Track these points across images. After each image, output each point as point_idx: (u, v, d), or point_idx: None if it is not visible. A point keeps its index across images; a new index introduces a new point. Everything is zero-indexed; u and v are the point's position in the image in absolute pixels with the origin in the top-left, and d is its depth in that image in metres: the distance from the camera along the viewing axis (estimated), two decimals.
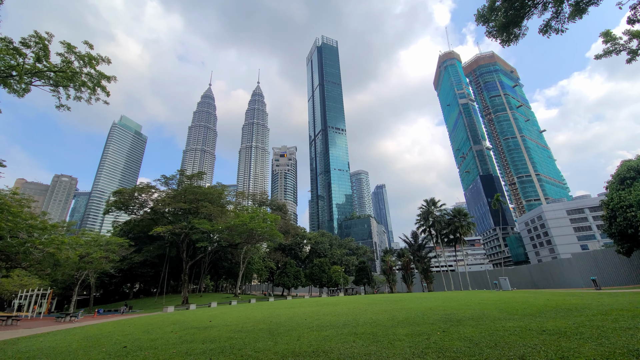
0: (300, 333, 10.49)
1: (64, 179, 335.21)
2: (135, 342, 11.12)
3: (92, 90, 16.45)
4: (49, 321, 28.47)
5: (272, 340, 9.69)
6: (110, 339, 12.38)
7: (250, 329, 12.32)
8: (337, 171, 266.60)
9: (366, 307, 18.59)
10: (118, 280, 52.51)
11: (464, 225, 53.43)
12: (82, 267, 28.61)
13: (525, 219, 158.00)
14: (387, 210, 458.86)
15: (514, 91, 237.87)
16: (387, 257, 60.96)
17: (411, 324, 10.84)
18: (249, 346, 9.00)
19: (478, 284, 57.94)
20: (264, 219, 43.41)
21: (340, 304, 22.73)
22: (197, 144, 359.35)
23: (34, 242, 18.66)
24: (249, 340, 9.82)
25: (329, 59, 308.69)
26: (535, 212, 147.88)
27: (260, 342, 9.50)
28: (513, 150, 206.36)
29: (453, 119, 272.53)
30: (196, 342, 10.24)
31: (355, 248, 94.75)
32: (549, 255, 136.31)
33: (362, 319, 12.91)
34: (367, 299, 27.10)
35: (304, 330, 11.13)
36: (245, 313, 19.69)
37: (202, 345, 9.70)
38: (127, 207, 48.79)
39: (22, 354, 10.14)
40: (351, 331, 10.23)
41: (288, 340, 9.41)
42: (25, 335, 16.88)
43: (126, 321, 20.90)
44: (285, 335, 10.23)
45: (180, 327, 14.34)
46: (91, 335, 14.28)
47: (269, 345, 8.90)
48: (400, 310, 15.10)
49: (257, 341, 9.62)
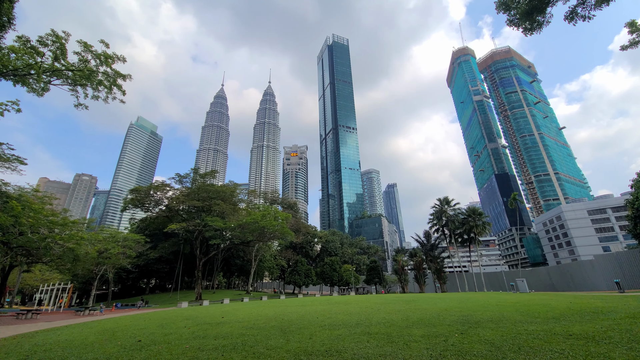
0: (313, 331, 10.34)
1: (84, 178, 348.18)
2: (149, 337, 11.26)
3: (109, 89, 16.76)
4: (69, 315, 29.47)
5: (284, 338, 9.58)
6: (126, 333, 12.59)
7: (262, 326, 12.26)
8: (348, 170, 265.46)
9: (378, 306, 18.28)
10: (135, 275, 54.08)
11: (479, 225, 51.97)
12: (101, 262, 29.52)
13: (544, 219, 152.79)
14: (399, 210, 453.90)
15: (532, 87, 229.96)
16: (399, 256, 60.13)
17: (427, 325, 10.50)
18: (260, 343, 8.91)
19: (493, 285, 56.34)
20: (275, 217, 43.61)
21: (351, 302, 22.49)
22: (210, 143, 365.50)
23: (55, 237, 19.29)
24: (260, 338, 9.74)
25: (339, 57, 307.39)
26: (554, 212, 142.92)
27: (272, 339, 9.40)
28: (530, 148, 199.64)
29: (467, 117, 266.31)
30: (208, 338, 10.25)
31: (367, 247, 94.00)
32: (568, 257, 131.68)
33: (375, 318, 12.64)
34: (379, 299, 26.74)
35: (316, 328, 10.97)
36: (257, 310, 19.73)
37: (214, 341, 9.69)
38: (143, 205, 50.12)
39: (39, 347, 10.41)
40: (364, 331, 10.00)
41: (300, 339, 9.28)
42: (43, 328, 17.47)
43: (142, 315, 21.35)
44: (297, 333, 10.10)
45: (193, 323, 14.46)
46: (107, 328, 14.60)
47: (281, 343, 8.78)
48: (414, 311, 14.73)
49: (269, 339, 9.52)
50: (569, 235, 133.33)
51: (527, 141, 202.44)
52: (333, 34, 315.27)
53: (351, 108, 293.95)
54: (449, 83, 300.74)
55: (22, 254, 22.89)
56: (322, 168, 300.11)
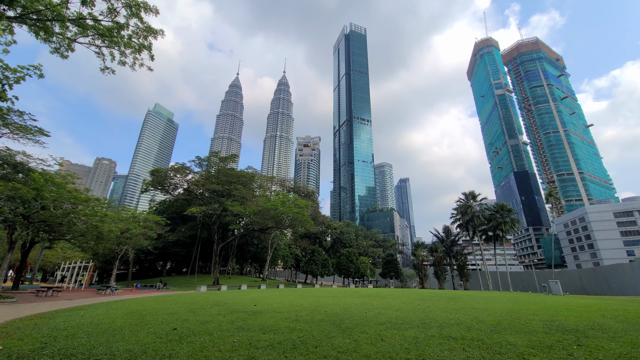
0: (377, 331, 8.71)
1: (104, 162, 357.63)
2: (184, 324, 9.91)
3: (137, 51, 15.20)
4: (90, 293, 29.13)
5: (347, 336, 7.97)
6: (156, 318, 11.33)
7: (307, 319, 10.74)
8: (360, 163, 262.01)
9: (423, 302, 16.56)
10: (153, 257, 54.24)
11: (508, 221, 49.09)
12: (122, 242, 29.05)
13: (565, 219, 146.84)
14: (410, 205, 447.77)
15: (559, 81, 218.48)
16: (418, 251, 58.07)
17: (517, 330, 8.68)
18: (324, 343, 7.33)
19: (517, 285, 53.73)
20: (295, 204, 42.25)
21: (387, 296, 20.85)
22: (224, 132, 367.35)
23: (78, 213, 18.34)
24: (318, 335, 8.17)
25: (356, 47, 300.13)
26: (578, 212, 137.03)
27: (334, 338, 7.80)
28: (554, 146, 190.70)
29: (487, 111, 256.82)
30: (254, 331, 8.77)
31: (382, 240, 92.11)
32: (590, 260, 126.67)
33: (438, 317, 10.91)
34: (412, 293, 25.01)
35: (376, 326, 9.35)
36: (287, 299, 18.34)
37: (264, 335, 8.19)
38: (162, 187, 49.74)
39: (59, 331, 9.17)
40: (442, 334, 8.28)
41: (369, 339, 7.65)
42: (64, 307, 16.57)
43: (165, 298, 20.36)
44: (360, 332, 8.49)
45: (226, 310, 13.12)
46: (134, 311, 13.45)
47: (349, 345, 7.17)
48: (475, 311, 12.91)
49: (331, 337, 7.93)
50: (592, 238, 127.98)
51: (551, 138, 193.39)
52: (350, 23, 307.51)
53: (366, 99, 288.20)
54: (470, 76, 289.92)
55: (43, 230, 22.17)
56: (334, 160, 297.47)
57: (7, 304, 17.93)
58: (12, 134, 21.31)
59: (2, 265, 20.57)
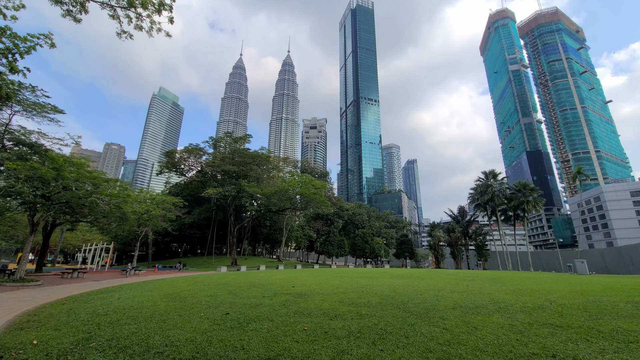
0: (456, 316, 7.69)
1: (113, 147, 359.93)
2: (233, 308, 9.06)
3: (157, 11, 13.54)
4: (114, 274, 29.12)
5: (432, 324, 6.95)
6: (198, 300, 10.54)
7: (364, 302, 9.80)
8: (368, 144, 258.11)
9: (466, 283, 15.59)
10: (169, 239, 54.73)
11: (530, 200, 47.45)
12: (142, 223, 28.71)
13: (579, 199, 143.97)
14: (418, 186, 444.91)
15: (579, 54, 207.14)
16: (435, 231, 57.30)
17: (616, 314, 7.58)
18: (410, 332, 6.32)
19: (536, 265, 52.82)
20: (312, 184, 41.23)
21: (420, 276, 19.98)
22: (230, 115, 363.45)
23: (101, 193, 17.51)
24: (396, 322, 7.18)
25: (363, 23, 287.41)
26: (593, 192, 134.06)
27: (418, 326, 6.79)
28: (571, 124, 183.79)
29: (500, 88, 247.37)
30: (317, 316, 7.83)
31: (394, 221, 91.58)
32: (603, 239, 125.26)
33: (506, 300, 9.87)
34: (443, 274, 24.15)
35: (448, 310, 8.34)
36: (319, 279, 17.55)
37: (333, 322, 7.22)
38: (176, 169, 49.15)
39: (100, 317, 8.37)
40: (536, 320, 7.21)
41: (459, 328, 6.61)
42: (94, 289, 16.08)
43: (193, 279, 19.84)
44: (438, 318, 7.47)
45: (267, 291, 12.32)
46: (170, 293, 12.76)
47: (442, 334, 6.15)
48: (535, 293, 11.84)
49: (413, 325, 6.91)
50: (607, 217, 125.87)
51: (568, 115, 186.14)
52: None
53: (374, 79, 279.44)
54: (482, 51, 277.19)
55: (65, 212, 21.54)
56: (341, 142, 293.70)
57: (33, 287, 17.55)
58: (25, 111, 20.27)
59: (25, 247, 20.16)
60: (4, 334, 6.80)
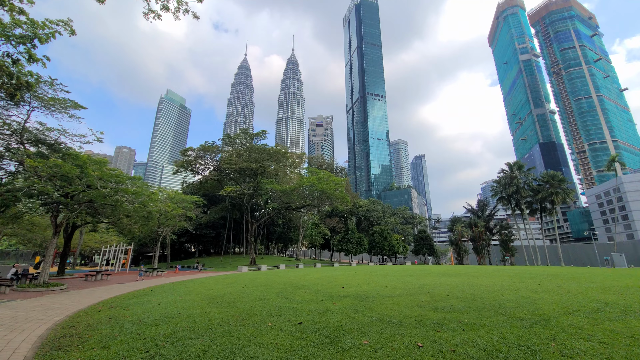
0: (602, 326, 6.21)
1: (124, 150, 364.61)
2: (299, 316, 7.72)
3: None
4: (136, 275, 28.26)
5: (582, 337, 5.51)
6: (249, 306, 9.25)
7: (447, 306, 8.38)
8: (375, 140, 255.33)
9: (520, 280, 14.00)
10: (185, 239, 54.18)
11: (560, 192, 45.17)
12: (163, 223, 27.89)
13: (598, 191, 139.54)
14: (426, 182, 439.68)
15: (592, 42, 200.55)
16: (457, 226, 55.29)
17: None
18: (578, 352, 4.89)
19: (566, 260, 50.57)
20: (332, 180, 39.91)
21: (472, 274, 18.40)
22: (236, 115, 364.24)
23: (126, 191, 16.46)
24: (528, 335, 5.76)
25: (368, 17, 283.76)
26: (612, 183, 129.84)
27: (567, 339, 5.35)
28: (586, 113, 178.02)
29: (510, 79, 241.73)
30: (413, 327, 6.44)
31: (409, 217, 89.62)
32: (624, 232, 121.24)
33: (611, 300, 8.33)
34: (488, 271, 22.51)
35: (574, 318, 6.87)
36: (362, 279, 16.16)
37: (446, 334, 5.82)
38: (192, 168, 48.32)
39: (151, 328, 7.11)
40: None
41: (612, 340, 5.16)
42: (125, 292, 15.03)
43: (223, 280, 18.65)
44: (581, 329, 6.01)
45: (320, 294, 10.94)
46: (212, 296, 11.53)
47: (595, 348, 4.71)
48: (620, 290, 10.25)
49: (559, 339, 5.48)
50: (627, 209, 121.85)
51: (583, 105, 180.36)
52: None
53: (380, 74, 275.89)
54: (491, 42, 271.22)
55: (87, 212, 20.56)
56: (348, 139, 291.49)
57: (59, 292, 16.57)
58: (44, 108, 19.30)
59: (48, 250, 19.27)
60: (38, 355, 5.55)
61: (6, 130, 19.23)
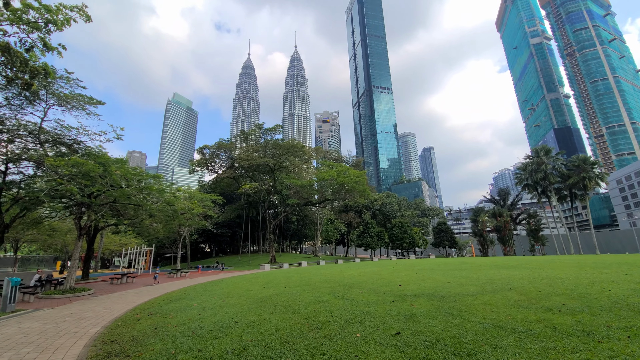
0: None
1: (135, 154, 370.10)
2: (382, 323, 6.40)
3: None
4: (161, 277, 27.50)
5: None
6: (312, 310, 7.97)
7: (547, 306, 6.95)
8: (383, 134, 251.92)
9: (592, 270, 12.41)
10: (202, 239, 53.72)
11: (592, 176, 42.67)
12: (183, 223, 27.05)
13: (619, 175, 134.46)
14: (436, 174, 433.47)
15: (605, 21, 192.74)
16: (481, 216, 53.23)
17: None
18: None
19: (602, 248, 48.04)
20: (352, 174, 38.50)
21: (515, 266, 16.81)
22: (242, 115, 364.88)
23: (151, 189, 15.42)
24: None
25: (371, 9, 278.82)
26: (634, 167, 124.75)
27: None
28: (603, 95, 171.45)
29: (521, 65, 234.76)
30: (543, 337, 5.07)
31: (427, 209, 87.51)
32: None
33: None
34: (538, 262, 20.83)
35: None
36: (409, 275, 14.79)
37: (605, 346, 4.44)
38: (208, 166, 47.56)
39: (212, 342, 5.90)
40: None
41: None
42: (157, 296, 14.01)
43: (254, 279, 17.48)
44: None
45: (382, 293, 9.57)
46: (259, 299, 10.27)
47: None
48: None
49: None
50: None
51: (599, 87, 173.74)
52: None
53: (385, 66, 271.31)
54: (499, 27, 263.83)
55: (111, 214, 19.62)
56: (355, 134, 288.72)
57: (87, 297, 15.65)
58: (60, 105, 18.33)
59: (73, 254, 18.42)
60: None
61: (22, 131, 18.40)
